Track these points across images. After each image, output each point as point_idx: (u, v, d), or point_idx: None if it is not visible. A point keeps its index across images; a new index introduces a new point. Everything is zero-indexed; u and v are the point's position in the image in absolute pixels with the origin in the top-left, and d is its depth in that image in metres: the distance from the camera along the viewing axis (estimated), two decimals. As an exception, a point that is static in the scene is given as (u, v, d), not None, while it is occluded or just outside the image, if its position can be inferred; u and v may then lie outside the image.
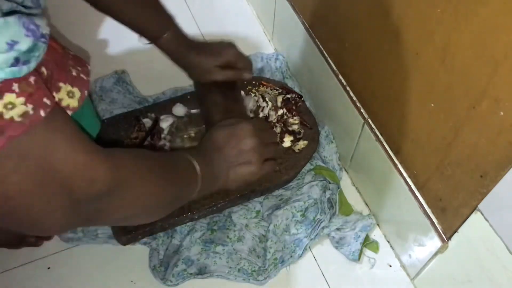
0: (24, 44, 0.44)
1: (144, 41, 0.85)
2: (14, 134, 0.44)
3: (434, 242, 0.73)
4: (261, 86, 1.00)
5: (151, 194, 0.63)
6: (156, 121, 0.93)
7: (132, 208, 0.61)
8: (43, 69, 0.56)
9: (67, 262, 0.84)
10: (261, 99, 0.96)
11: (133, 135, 0.91)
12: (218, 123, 0.80)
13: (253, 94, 0.98)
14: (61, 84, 0.60)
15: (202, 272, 0.82)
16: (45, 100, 0.48)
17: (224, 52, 0.88)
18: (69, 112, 0.61)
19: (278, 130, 0.93)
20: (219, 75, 0.87)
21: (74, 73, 0.63)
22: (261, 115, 0.94)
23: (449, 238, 0.70)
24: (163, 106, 0.96)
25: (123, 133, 0.91)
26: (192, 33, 1.17)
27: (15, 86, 0.44)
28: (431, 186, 0.71)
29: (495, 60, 0.51)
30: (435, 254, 0.74)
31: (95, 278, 0.83)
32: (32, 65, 0.46)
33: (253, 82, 1.01)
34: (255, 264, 0.84)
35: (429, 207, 0.72)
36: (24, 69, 0.45)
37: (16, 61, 0.44)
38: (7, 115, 0.44)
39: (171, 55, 0.86)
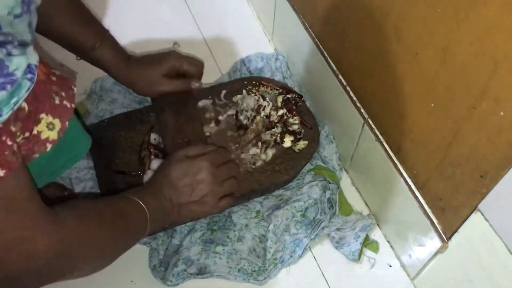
0: None
1: (77, 57, 0.81)
2: None
3: (434, 242, 0.73)
4: (261, 86, 1.00)
5: (99, 250, 0.62)
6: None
7: (81, 267, 0.60)
8: (24, 104, 0.53)
9: (67, 262, 0.84)
10: (261, 99, 0.96)
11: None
12: (174, 155, 0.77)
13: (253, 94, 0.98)
14: (43, 115, 0.57)
15: (202, 272, 0.82)
16: None
17: (165, 59, 0.83)
18: (49, 146, 0.58)
19: (278, 130, 0.93)
20: (167, 86, 0.83)
21: (57, 101, 0.59)
22: (262, 114, 0.94)
23: (449, 238, 0.70)
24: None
25: (123, 133, 0.91)
26: (192, 33, 1.18)
27: None
28: (431, 186, 0.71)
29: (495, 60, 0.51)
30: (435, 254, 0.74)
31: (95, 278, 0.82)
32: (4, 117, 0.44)
33: (254, 82, 1.01)
34: (255, 264, 0.84)
35: (429, 207, 0.72)
36: None
37: None
38: None
39: (108, 68, 0.81)
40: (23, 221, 0.50)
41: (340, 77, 0.86)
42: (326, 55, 0.90)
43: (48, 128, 0.58)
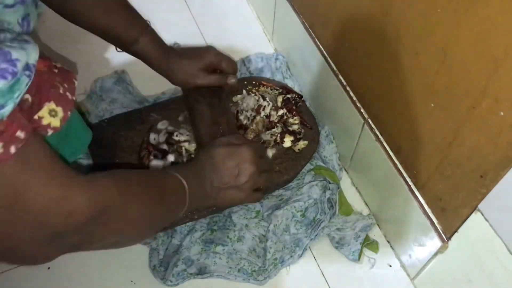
0: None
1: (118, 49, 0.82)
2: None
3: (434, 242, 0.73)
4: (262, 86, 1.00)
5: (138, 219, 0.62)
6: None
7: (119, 233, 0.60)
8: (27, 96, 0.53)
9: (67, 262, 0.84)
10: (261, 99, 0.96)
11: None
12: (218, 140, 0.78)
13: (253, 94, 0.98)
14: (45, 103, 0.57)
15: (202, 272, 0.82)
16: (18, 134, 0.45)
17: (205, 54, 0.85)
18: (50, 132, 0.57)
19: (278, 130, 0.93)
20: (203, 80, 0.85)
21: (60, 91, 0.59)
22: (262, 114, 0.94)
23: (449, 238, 0.70)
24: (163, 106, 0.96)
25: (123, 133, 0.92)
26: (192, 33, 1.18)
27: None
28: (431, 186, 0.71)
29: (495, 59, 0.51)
30: (435, 254, 0.74)
31: (95, 278, 0.83)
32: (8, 108, 0.43)
33: (254, 82, 1.01)
34: (255, 264, 0.84)
35: (429, 207, 0.72)
36: None
37: None
38: None
39: (150, 60, 0.83)
40: (55, 180, 0.50)
41: (340, 77, 0.86)
42: (326, 55, 0.90)
43: (50, 115, 0.57)
